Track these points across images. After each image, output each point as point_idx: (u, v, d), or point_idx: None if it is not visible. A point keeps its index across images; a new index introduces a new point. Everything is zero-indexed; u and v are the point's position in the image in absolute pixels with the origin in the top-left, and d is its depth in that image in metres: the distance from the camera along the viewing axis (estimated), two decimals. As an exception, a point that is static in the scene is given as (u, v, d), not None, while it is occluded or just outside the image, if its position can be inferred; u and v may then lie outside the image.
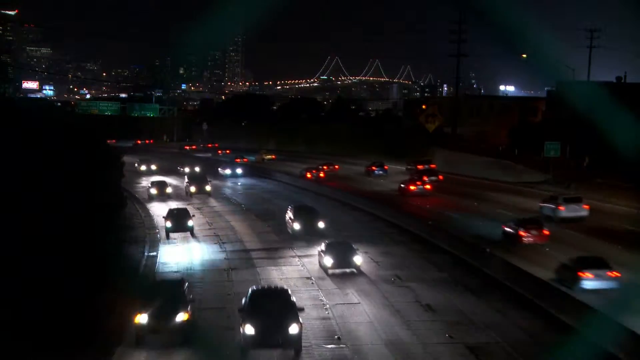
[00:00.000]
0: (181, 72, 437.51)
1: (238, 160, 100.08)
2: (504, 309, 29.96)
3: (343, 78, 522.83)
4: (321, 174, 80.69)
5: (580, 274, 31.05)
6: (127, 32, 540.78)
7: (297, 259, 40.94)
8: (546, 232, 41.27)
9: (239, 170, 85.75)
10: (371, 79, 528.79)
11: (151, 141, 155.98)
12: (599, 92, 59.06)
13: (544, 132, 77.73)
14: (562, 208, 47.42)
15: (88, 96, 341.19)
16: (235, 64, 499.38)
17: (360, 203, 59.17)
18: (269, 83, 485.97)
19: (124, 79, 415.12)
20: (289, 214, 47.94)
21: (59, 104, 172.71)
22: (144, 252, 43.91)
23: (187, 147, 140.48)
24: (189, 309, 26.15)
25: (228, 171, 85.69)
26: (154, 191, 66.24)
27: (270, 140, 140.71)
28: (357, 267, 36.77)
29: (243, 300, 26.05)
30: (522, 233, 40.88)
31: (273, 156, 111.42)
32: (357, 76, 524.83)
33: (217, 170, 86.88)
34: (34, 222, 28.18)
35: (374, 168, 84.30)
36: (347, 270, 36.65)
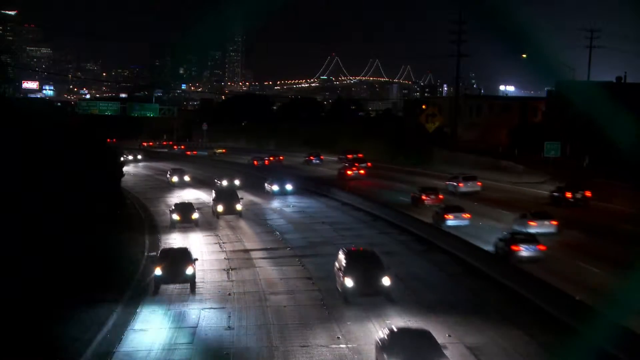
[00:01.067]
0: (181, 72, 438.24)
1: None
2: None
3: (343, 78, 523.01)
4: (266, 162, 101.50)
5: (445, 216, 47.22)
6: (127, 32, 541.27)
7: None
8: (441, 196, 55.75)
9: (288, 187, 68.97)
10: (371, 79, 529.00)
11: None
12: (599, 92, 59.12)
13: (544, 132, 77.75)
14: (461, 185, 60.45)
15: (88, 96, 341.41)
16: (235, 64, 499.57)
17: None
18: (269, 83, 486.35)
19: (124, 79, 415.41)
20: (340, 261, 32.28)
21: (59, 104, 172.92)
22: (144, 252, 43.88)
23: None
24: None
25: (275, 187, 68.66)
26: (176, 217, 51.77)
27: (270, 140, 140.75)
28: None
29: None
30: (424, 197, 56.20)
31: (224, 150, 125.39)
32: (357, 76, 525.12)
33: (263, 186, 71.12)
34: (34, 222, 28.18)
35: (312, 158, 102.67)
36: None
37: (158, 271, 33.60)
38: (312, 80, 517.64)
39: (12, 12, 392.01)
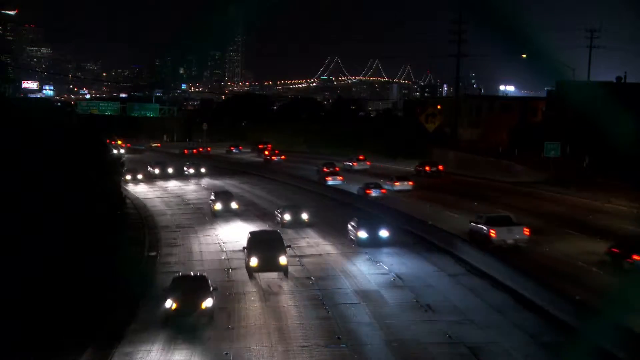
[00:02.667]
0: (181, 72, 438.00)
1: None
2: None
3: (343, 78, 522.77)
4: (194, 151, 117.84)
5: (367, 191, 62.14)
6: (127, 32, 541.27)
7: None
8: (384, 190, 63.66)
9: (383, 234, 43.19)
10: (371, 79, 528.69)
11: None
12: (599, 92, 59.16)
13: (544, 132, 77.68)
14: (397, 183, 68.08)
15: (88, 96, 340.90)
16: (235, 64, 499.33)
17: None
18: (269, 83, 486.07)
19: (124, 79, 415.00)
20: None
21: (59, 104, 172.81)
22: (144, 253, 43.93)
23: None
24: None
25: (363, 234, 43.04)
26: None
27: (270, 140, 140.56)
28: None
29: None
30: (368, 191, 62.56)
31: (159, 144, 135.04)
32: (357, 76, 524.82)
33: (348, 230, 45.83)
34: (34, 223, 28.18)
35: (232, 148, 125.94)
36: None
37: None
38: (312, 80, 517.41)
39: (12, 12, 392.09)
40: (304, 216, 50.56)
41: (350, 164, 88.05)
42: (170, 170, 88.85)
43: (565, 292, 28.55)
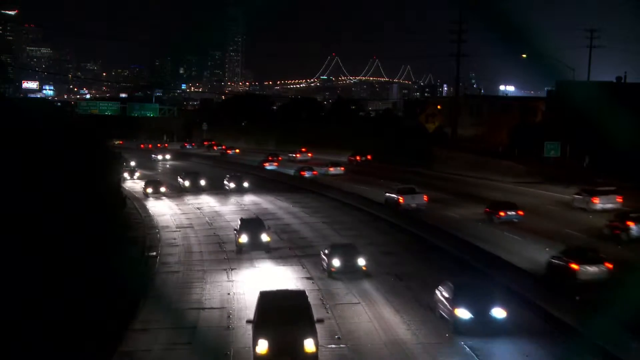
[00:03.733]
0: (181, 72, 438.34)
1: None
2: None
3: (343, 78, 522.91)
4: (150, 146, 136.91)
5: (301, 172, 79.19)
6: (127, 32, 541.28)
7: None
8: (315, 172, 79.58)
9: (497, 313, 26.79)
10: (371, 79, 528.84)
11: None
12: (599, 92, 59.12)
13: (544, 132, 77.66)
14: (331, 169, 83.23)
15: (88, 96, 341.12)
16: (235, 64, 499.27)
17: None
18: (269, 83, 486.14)
19: (124, 79, 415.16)
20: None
21: (59, 104, 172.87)
22: (144, 253, 43.89)
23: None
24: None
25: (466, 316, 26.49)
26: None
27: (270, 140, 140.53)
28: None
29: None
30: (302, 173, 79.24)
31: (121, 142, 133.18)
32: (357, 76, 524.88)
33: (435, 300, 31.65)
34: (33, 223, 28.17)
35: (185, 144, 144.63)
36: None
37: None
38: (312, 80, 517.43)
39: (12, 12, 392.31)
40: (361, 262, 35.99)
41: (294, 155, 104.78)
42: (202, 182, 74.30)
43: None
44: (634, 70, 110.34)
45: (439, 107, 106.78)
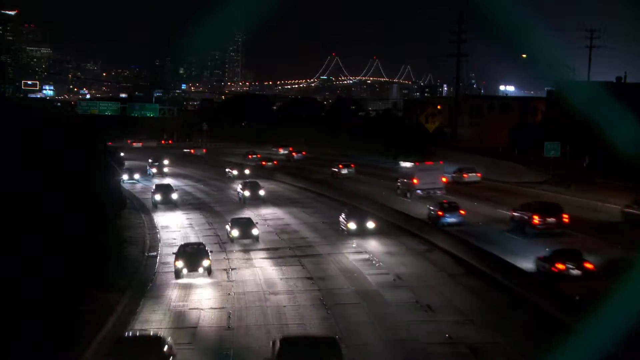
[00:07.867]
0: (181, 72, 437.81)
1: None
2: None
3: (343, 78, 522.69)
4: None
5: (262, 163, 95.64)
6: (127, 32, 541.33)
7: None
8: (275, 162, 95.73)
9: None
10: (371, 79, 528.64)
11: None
12: (599, 92, 59.03)
13: (544, 132, 77.61)
14: (294, 154, 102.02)
15: (88, 96, 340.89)
16: (235, 64, 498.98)
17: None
18: (269, 83, 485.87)
19: (124, 79, 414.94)
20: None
21: (59, 104, 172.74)
22: (144, 253, 43.91)
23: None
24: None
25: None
26: None
27: (269, 140, 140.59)
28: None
29: None
30: (263, 163, 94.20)
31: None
32: (357, 76, 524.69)
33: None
34: (33, 223, 28.17)
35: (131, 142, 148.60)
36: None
37: None
38: (312, 80, 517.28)
39: (12, 12, 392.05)
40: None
41: (288, 152, 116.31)
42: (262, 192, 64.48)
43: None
44: (634, 70, 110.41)
45: (439, 107, 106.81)
